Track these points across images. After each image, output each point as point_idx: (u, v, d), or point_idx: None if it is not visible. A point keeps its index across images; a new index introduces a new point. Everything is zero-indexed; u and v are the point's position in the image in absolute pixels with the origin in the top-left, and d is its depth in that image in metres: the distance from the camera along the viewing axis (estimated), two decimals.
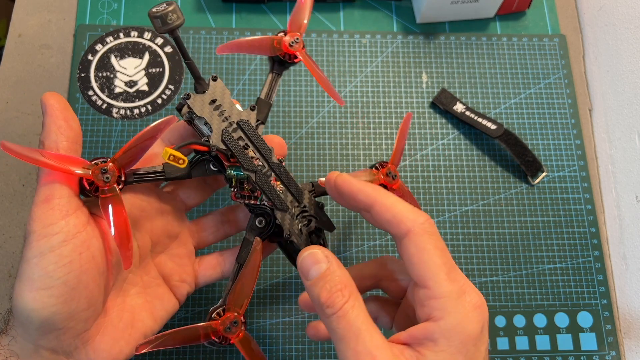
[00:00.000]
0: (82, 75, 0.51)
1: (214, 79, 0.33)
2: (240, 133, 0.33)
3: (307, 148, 0.50)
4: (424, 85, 0.54)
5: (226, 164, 0.33)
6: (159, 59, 0.51)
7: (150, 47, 0.52)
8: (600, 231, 0.50)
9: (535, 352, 0.46)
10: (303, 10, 0.37)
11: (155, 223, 0.35)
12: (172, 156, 0.30)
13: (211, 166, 0.34)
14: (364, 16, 0.56)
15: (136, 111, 0.50)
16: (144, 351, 0.30)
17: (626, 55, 0.50)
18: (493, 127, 0.51)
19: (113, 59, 0.51)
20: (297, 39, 0.35)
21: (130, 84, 0.51)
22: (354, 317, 0.27)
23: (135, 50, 0.52)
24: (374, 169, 0.38)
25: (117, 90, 0.50)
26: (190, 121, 0.33)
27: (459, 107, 0.52)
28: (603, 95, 0.53)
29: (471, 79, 0.54)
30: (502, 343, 0.46)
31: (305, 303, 0.37)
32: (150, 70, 0.51)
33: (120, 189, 0.30)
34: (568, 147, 0.52)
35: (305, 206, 0.35)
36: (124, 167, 0.31)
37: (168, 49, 0.52)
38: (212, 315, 0.32)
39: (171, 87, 0.51)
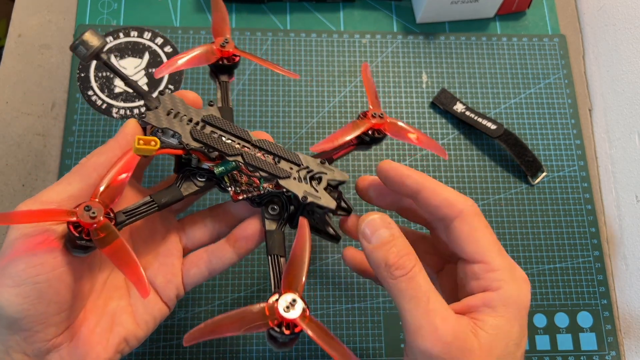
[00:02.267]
0: (82, 75, 0.51)
1: (161, 93, 0.32)
2: (210, 128, 0.32)
3: (307, 148, 0.50)
4: (424, 85, 0.54)
5: (211, 165, 0.32)
6: (158, 59, 0.51)
7: (150, 47, 0.52)
8: (600, 231, 0.50)
9: (535, 352, 0.46)
10: (217, 13, 0.38)
11: (137, 223, 0.33)
12: (141, 141, 0.28)
13: (198, 178, 0.33)
14: (364, 16, 0.56)
15: (136, 111, 0.50)
16: (191, 344, 0.27)
17: (626, 55, 0.50)
18: (493, 127, 0.51)
19: (113, 59, 0.51)
20: (227, 39, 0.36)
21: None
22: (422, 279, 0.29)
23: (135, 50, 0.52)
24: (358, 119, 0.37)
25: (117, 90, 0.50)
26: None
27: (459, 107, 0.52)
28: (603, 95, 0.53)
29: (471, 79, 0.54)
30: None
31: (351, 259, 0.37)
32: (150, 70, 0.51)
33: (116, 226, 0.28)
34: (568, 147, 0.52)
35: (307, 167, 0.33)
36: (109, 204, 0.28)
37: (168, 49, 0.52)
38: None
39: (171, 87, 0.51)
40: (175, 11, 0.54)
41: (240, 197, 0.33)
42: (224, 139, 0.32)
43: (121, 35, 0.52)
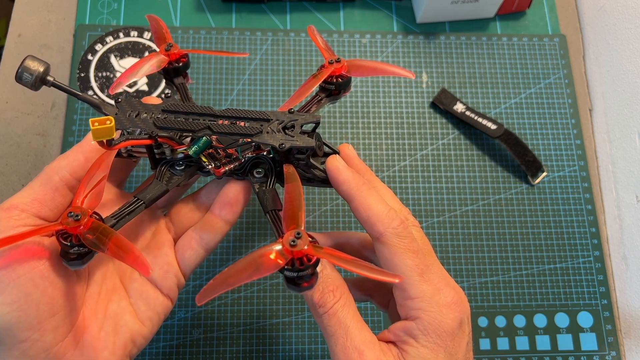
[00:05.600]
0: (82, 75, 0.51)
1: (117, 101, 0.33)
2: (171, 115, 0.32)
3: None
4: (424, 85, 0.54)
5: (183, 148, 0.32)
6: None
7: (150, 47, 0.52)
8: (600, 231, 0.50)
9: (535, 352, 0.46)
10: (154, 24, 0.38)
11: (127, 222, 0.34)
12: (96, 123, 0.27)
13: (176, 167, 0.33)
14: (364, 16, 0.56)
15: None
16: (204, 302, 0.25)
17: (626, 55, 0.50)
18: (493, 127, 0.51)
19: (113, 59, 0.51)
20: (170, 44, 0.36)
21: (130, 84, 0.51)
22: (343, 315, 0.29)
23: (135, 50, 0.52)
24: (317, 71, 0.37)
25: (117, 90, 0.50)
26: (130, 155, 0.33)
27: (459, 107, 0.52)
28: (603, 95, 0.53)
29: (471, 79, 0.54)
30: (502, 343, 0.46)
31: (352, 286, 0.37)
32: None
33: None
34: (568, 147, 0.52)
35: (277, 119, 0.33)
36: (92, 207, 0.28)
37: None
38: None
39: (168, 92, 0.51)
40: (175, 11, 0.54)
41: (223, 170, 0.33)
42: (189, 120, 0.32)
43: (121, 35, 0.52)
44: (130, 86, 0.50)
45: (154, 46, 0.52)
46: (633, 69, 0.49)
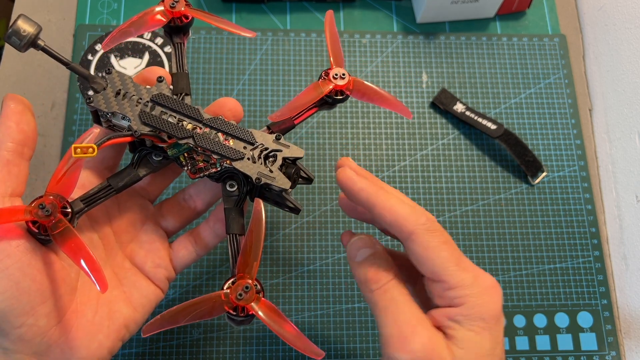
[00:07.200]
0: None
1: (108, 72, 0.31)
2: (160, 109, 0.31)
3: (307, 148, 0.50)
4: (424, 85, 0.54)
5: (164, 146, 0.31)
6: (158, 59, 0.51)
7: (150, 47, 0.52)
8: (600, 231, 0.50)
9: (535, 352, 0.46)
10: None
11: (113, 214, 0.34)
12: (78, 149, 0.27)
13: (154, 157, 0.32)
14: (364, 16, 0.56)
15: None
16: (150, 334, 0.28)
17: (626, 55, 0.50)
18: (493, 127, 0.51)
19: (113, 59, 0.51)
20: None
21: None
22: (397, 292, 0.30)
23: (135, 50, 0.52)
24: (319, 80, 0.35)
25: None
26: (111, 126, 0.31)
27: (459, 107, 0.52)
28: (603, 95, 0.53)
29: (471, 79, 0.54)
30: None
31: (347, 204, 0.37)
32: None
33: (70, 220, 0.28)
34: (568, 147, 0.52)
35: (262, 144, 0.32)
36: (65, 195, 0.28)
37: (168, 49, 0.52)
38: (224, 288, 0.30)
39: (171, 86, 0.51)
40: None
41: (197, 176, 0.33)
42: (174, 119, 0.31)
43: None
44: None
45: (154, 46, 0.52)
46: (633, 69, 0.49)
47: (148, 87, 0.32)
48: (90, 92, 0.31)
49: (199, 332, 0.45)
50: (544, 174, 0.51)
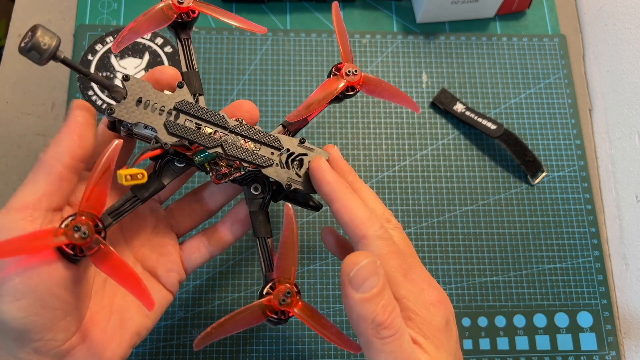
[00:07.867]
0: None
1: (126, 78, 0.30)
2: (184, 117, 0.31)
3: None
4: (424, 85, 0.54)
5: (189, 153, 0.31)
6: (158, 59, 0.51)
7: (150, 47, 0.52)
8: (600, 231, 0.50)
9: (535, 352, 0.46)
10: None
11: (124, 218, 0.33)
12: (128, 176, 0.27)
13: (176, 164, 0.32)
14: (364, 16, 0.56)
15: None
16: (202, 347, 0.29)
17: (626, 55, 0.50)
18: (493, 127, 0.51)
19: (113, 59, 0.51)
20: None
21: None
22: (407, 340, 0.27)
23: (135, 50, 0.52)
24: (332, 76, 0.35)
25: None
26: (130, 134, 0.31)
27: (459, 107, 0.52)
28: (603, 95, 0.53)
29: (471, 79, 0.54)
30: (502, 343, 0.46)
31: (327, 240, 0.37)
32: (150, 70, 0.51)
33: (104, 237, 0.28)
34: (568, 147, 0.52)
35: (288, 149, 0.33)
36: (97, 212, 0.28)
37: (168, 49, 0.52)
38: (264, 293, 0.31)
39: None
40: None
41: (222, 181, 0.32)
42: (200, 128, 0.31)
43: None
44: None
45: (154, 46, 0.52)
46: (633, 69, 0.49)
47: (168, 92, 0.31)
48: (111, 101, 0.29)
49: (199, 332, 0.45)
50: (544, 174, 0.51)
